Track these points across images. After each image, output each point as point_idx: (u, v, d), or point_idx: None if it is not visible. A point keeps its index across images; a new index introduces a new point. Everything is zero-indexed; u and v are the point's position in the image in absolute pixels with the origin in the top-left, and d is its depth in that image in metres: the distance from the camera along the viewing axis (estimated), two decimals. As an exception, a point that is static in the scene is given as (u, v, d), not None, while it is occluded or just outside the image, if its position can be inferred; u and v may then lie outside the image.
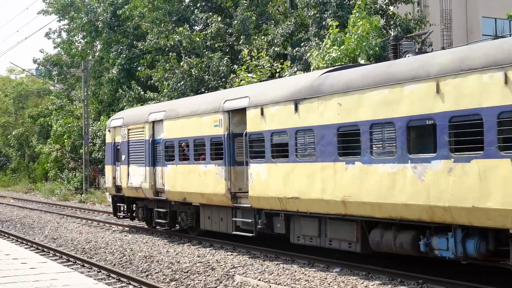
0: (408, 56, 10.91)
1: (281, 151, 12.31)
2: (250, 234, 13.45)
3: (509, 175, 8.15)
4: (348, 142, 10.79)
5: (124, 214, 19.29)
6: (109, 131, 19.65)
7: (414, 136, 9.67)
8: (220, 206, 14.32)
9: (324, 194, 11.13)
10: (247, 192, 13.16)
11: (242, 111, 13.47)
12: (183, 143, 15.55)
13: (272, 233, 13.18)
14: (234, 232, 13.94)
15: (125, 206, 19.06)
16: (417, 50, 11.44)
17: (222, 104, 13.98)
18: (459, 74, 8.82)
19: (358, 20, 18.31)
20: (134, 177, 17.73)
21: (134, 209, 18.97)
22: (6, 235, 19.74)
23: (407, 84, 9.62)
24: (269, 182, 12.50)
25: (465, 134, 8.77)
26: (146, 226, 18.67)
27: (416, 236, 9.91)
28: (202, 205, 15.15)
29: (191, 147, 15.12)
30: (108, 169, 19.75)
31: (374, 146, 10.20)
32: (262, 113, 12.67)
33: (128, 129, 18.14)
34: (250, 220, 13.40)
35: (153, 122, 16.89)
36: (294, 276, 11.21)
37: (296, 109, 11.77)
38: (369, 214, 10.44)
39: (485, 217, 8.58)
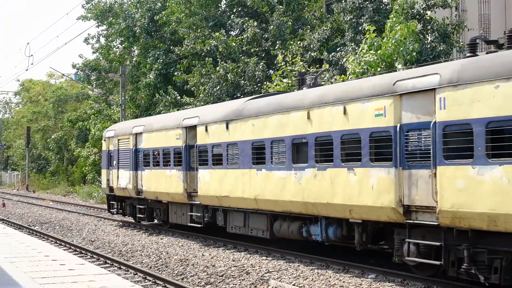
0: (303, 89, 14.19)
1: (218, 160, 15.72)
2: (199, 225, 16.99)
3: (346, 180, 11.43)
4: (258, 154, 14.09)
5: (116, 211, 22.89)
6: (104, 140, 23.42)
7: (296, 150, 12.94)
8: (181, 203, 17.86)
9: (244, 194, 14.55)
10: (197, 191, 16.65)
11: (195, 128, 16.98)
12: (156, 152, 19.06)
13: (216, 224, 16.50)
14: (189, 224, 17.44)
15: (117, 204, 22.68)
16: (311, 84, 14.29)
17: (181, 121, 17.57)
18: (321, 106, 12.17)
19: (396, 25, 18.11)
20: (122, 179, 21.35)
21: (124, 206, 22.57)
22: (45, 236, 20.18)
23: (292, 112, 13.01)
24: (210, 184, 15.96)
25: (324, 150, 12.03)
26: (134, 222, 21.98)
27: (301, 225, 13.21)
28: (169, 202, 18.69)
29: (161, 155, 18.68)
30: (103, 172, 23.46)
31: (273, 157, 13.59)
32: (206, 130, 16.22)
33: (118, 139, 21.82)
34: (200, 214, 16.90)
35: (136, 134, 20.49)
36: (329, 281, 11.14)
37: (227, 127, 15.27)
38: (271, 209, 13.87)
39: (335, 210, 11.88)
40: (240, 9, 31.45)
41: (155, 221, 20.57)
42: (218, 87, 25.60)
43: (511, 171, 8.56)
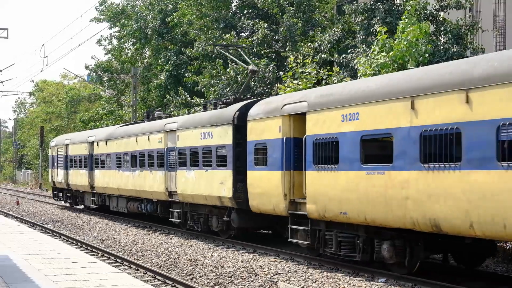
0: (146, 121, 22.81)
1: (103, 164, 25.20)
2: (95, 206, 27.00)
3: (149, 177, 20.53)
4: (118, 161, 23.35)
5: (58, 198, 32.26)
6: (50, 148, 33.65)
7: (133, 159, 21.88)
8: (88, 192, 27.50)
9: (113, 185, 23.79)
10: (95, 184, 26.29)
11: (93, 143, 26.59)
12: (76, 158, 28.43)
13: (105, 205, 25.71)
14: (92, 206, 27.52)
15: (58, 193, 32.29)
16: (150, 118, 22.94)
17: (87, 138, 27.38)
18: (141, 135, 21.34)
19: (408, 26, 18.00)
20: (60, 176, 30.74)
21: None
22: (58, 235, 20.36)
23: (131, 137, 22.32)
24: (100, 179, 25.41)
25: (142, 160, 21.08)
26: (69, 205, 31.10)
27: (138, 204, 22.09)
28: (83, 191, 28.29)
29: (77, 160, 28.19)
30: (50, 171, 33.64)
31: (125, 163, 22.75)
32: (98, 144, 25.78)
33: (57, 148, 31.60)
34: (96, 199, 26.55)
35: (67, 144, 30.02)
36: (338, 285, 11.10)
37: (106, 144, 24.76)
38: (125, 194, 23.07)
39: (147, 194, 20.92)
40: (250, 10, 31.49)
41: (79, 205, 29.80)
42: (228, 89, 25.65)
43: (197, 173, 17.27)
